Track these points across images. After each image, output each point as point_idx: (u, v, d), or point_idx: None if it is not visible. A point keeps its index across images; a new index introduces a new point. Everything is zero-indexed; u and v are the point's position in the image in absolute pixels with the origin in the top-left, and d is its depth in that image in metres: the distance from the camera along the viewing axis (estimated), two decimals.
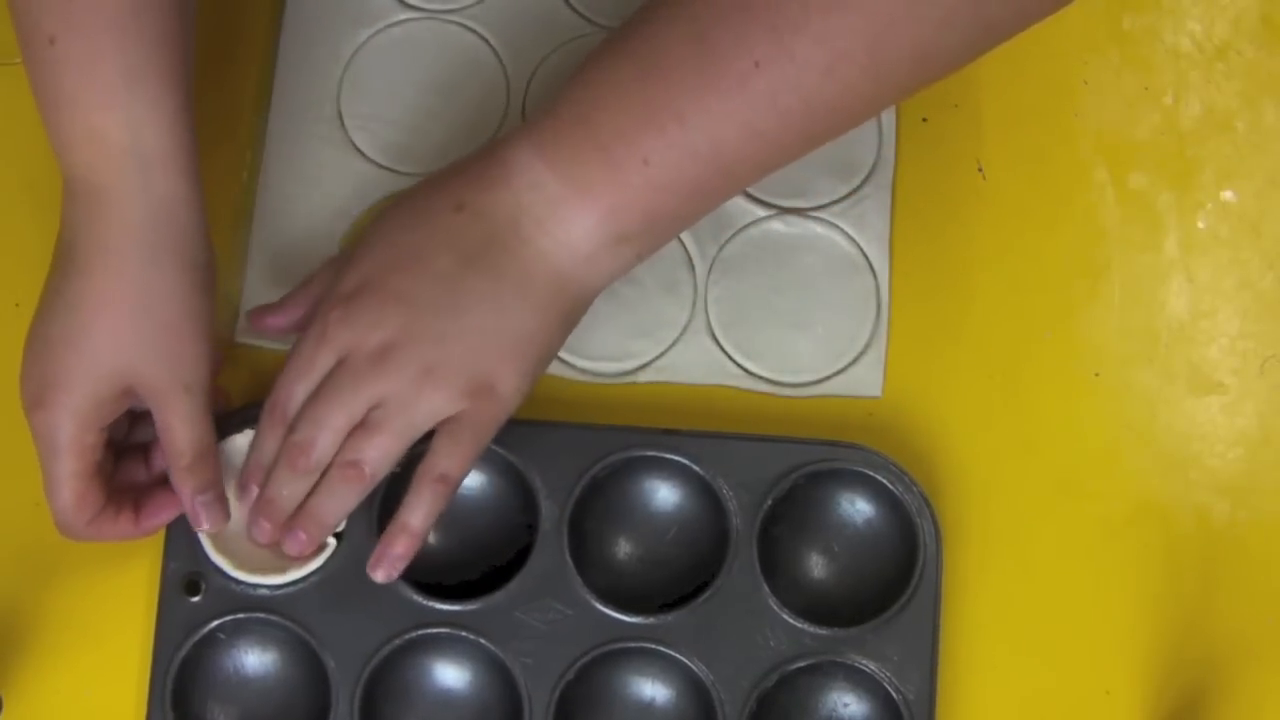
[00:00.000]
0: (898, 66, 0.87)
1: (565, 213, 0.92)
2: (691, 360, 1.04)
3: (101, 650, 1.00)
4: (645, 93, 0.89)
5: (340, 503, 0.94)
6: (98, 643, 1.00)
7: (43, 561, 1.00)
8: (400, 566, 0.95)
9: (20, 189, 1.04)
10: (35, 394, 0.93)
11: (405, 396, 0.93)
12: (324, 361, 0.94)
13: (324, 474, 0.94)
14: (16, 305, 1.03)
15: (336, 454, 0.93)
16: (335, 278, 0.95)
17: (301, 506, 0.95)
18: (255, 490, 0.96)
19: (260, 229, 1.04)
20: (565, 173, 0.91)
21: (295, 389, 0.94)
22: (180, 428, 0.94)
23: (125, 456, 0.98)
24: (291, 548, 0.96)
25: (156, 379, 0.93)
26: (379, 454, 0.93)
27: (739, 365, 1.04)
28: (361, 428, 0.93)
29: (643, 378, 1.04)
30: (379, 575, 0.95)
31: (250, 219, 1.04)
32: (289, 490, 0.95)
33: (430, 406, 0.93)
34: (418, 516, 0.94)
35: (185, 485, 0.95)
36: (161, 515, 0.97)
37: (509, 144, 0.93)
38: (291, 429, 0.94)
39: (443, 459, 0.94)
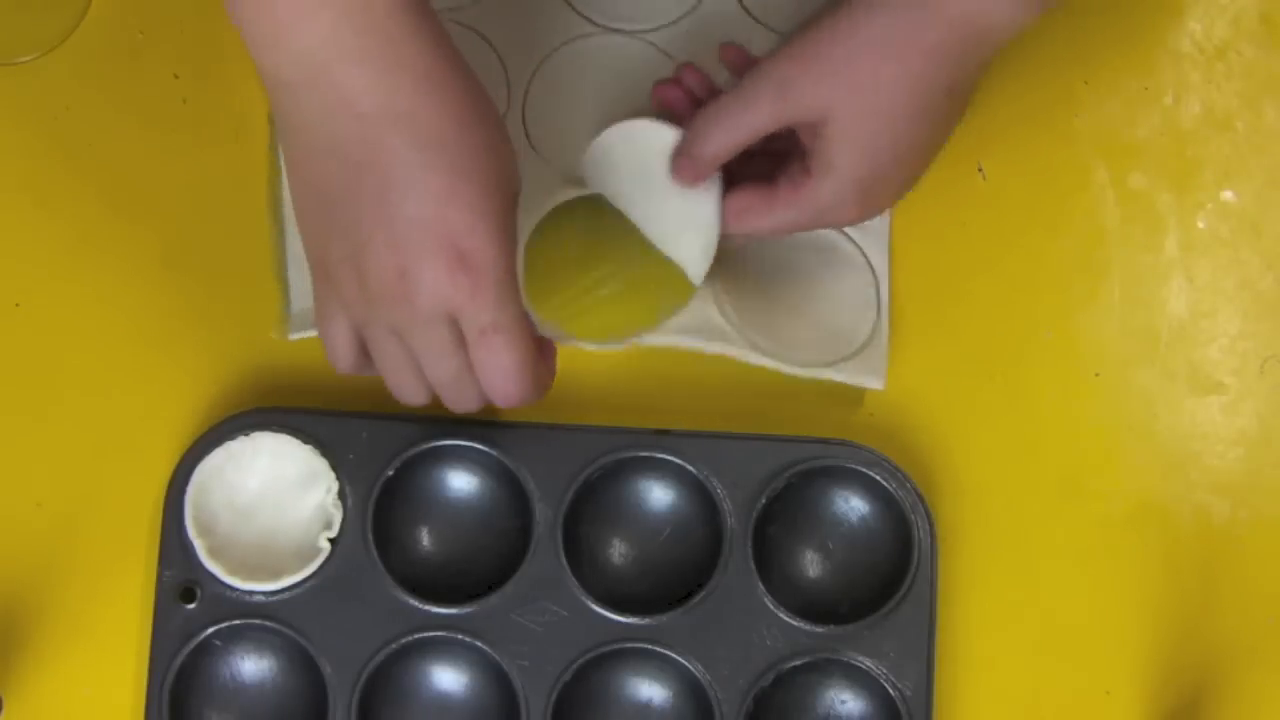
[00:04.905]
0: None
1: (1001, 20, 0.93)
2: (694, 327, 1.02)
3: (101, 651, 1.00)
4: None
5: None
6: (97, 644, 1.00)
7: (43, 562, 1.00)
8: None
9: (20, 189, 1.04)
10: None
11: None
12: None
13: None
14: (17, 305, 1.03)
15: None
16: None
17: None
18: None
19: (294, 236, 1.03)
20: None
21: None
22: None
23: None
24: None
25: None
26: None
27: (743, 335, 1.02)
28: None
29: (647, 340, 1.01)
30: None
31: (282, 223, 1.04)
32: None
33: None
34: None
35: None
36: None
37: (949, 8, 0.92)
38: None
39: None
